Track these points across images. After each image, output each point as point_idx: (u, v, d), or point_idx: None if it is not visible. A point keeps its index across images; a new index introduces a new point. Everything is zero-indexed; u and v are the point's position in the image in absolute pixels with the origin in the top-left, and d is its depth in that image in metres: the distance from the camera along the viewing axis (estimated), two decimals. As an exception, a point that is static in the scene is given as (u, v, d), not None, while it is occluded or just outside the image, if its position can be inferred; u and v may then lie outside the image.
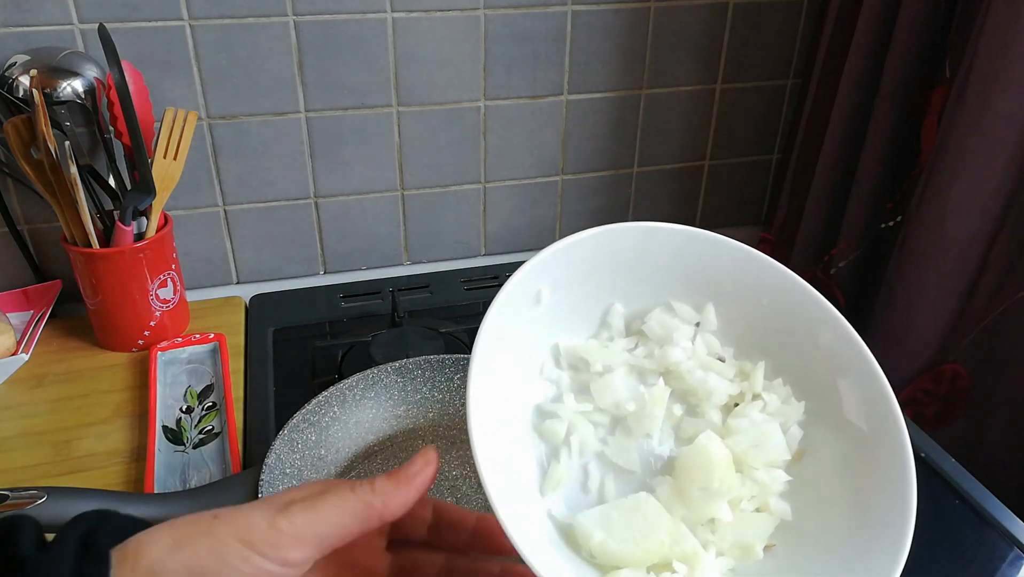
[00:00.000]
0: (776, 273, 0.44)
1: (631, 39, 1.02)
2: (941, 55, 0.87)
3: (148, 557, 0.30)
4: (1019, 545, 0.67)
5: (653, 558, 0.38)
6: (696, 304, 0.46)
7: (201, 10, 0.86)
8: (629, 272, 0.45)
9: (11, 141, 0.78)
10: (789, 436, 0.44)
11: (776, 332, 0.45)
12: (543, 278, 0.43)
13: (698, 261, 0.45)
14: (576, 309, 0.46)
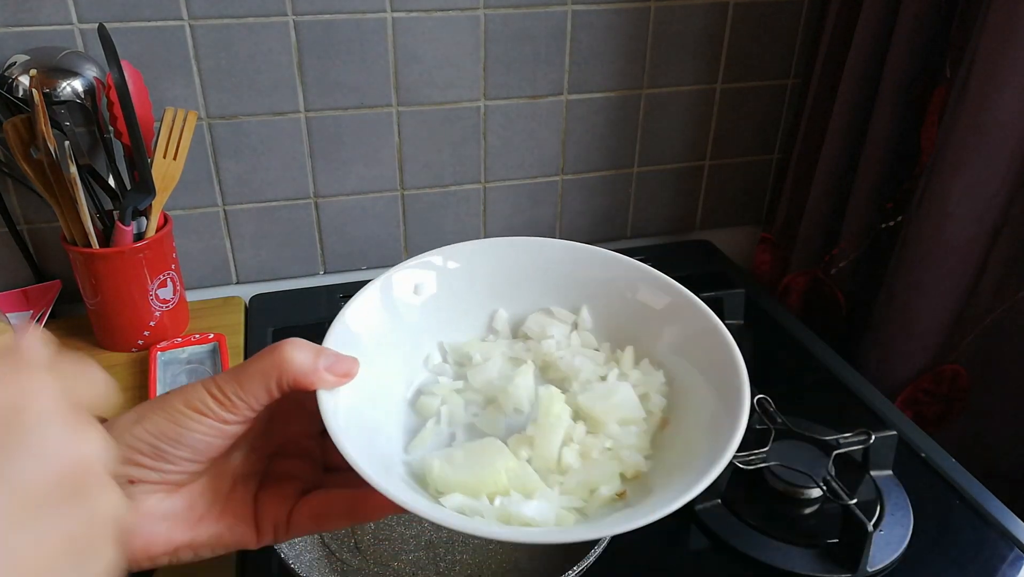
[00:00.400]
0: (645, 273, 0.53)
1: (631, 39, 1.02)
2: (941, 55, 0.87)
3: (114, 431, 0.36)
4: (1019, 545, 0.67)
5: (487, 488, 0.42)
6: (573, 307, 0.53)
7: (201, 10, 0.86)
8: (512, 281, 0.51)
9: (11, 141, 0.77)
10: (652, 404, 0.48)
11: (643, 322, 0.51)
12: (420, 275, 0.49)
13: (573, 269, 0.52)
14: (465, 313, 0.51)
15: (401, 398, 0.48)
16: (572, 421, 0.46)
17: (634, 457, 0.45)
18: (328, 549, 0.64)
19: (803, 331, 0.97)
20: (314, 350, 0.38)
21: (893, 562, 0.65)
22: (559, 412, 0.45)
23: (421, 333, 0.50)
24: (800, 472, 0.69)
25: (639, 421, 0.47)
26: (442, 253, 0.50)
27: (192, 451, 0.35)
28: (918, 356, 0.89)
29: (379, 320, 0.47)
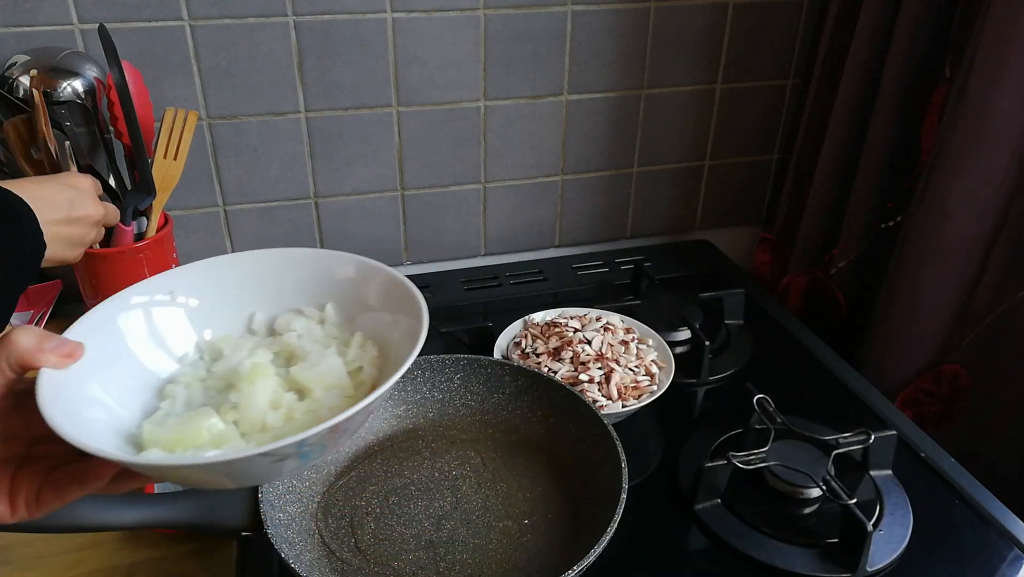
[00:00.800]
0: (379, 271, 0.58)
1: (631, 39, 1.02)
2: (941, 55, 0.87)
3: None
4: (1019, 545, 0.67)
5: (187, 444, 0.48)
6: (320, 305, 0.60)
7: (201, 10, 0.86)
8: (267, 288, 0.59)
9: (11, 141, 0.77)
10: (365, 375, 0.55)
11: (377, 314, 0.58)
12: (175, 282, 0.56)
13: (322, 272, 0.60)
14: (224, 317, 0.58)
15: (151, 386, 0.54)
16: (283, 390, 0.53)
17: (334, 414, 0.50)
18: (328, 549, 0.64)
19: (803, 331, 0.97)
20: (39, 334, 0.42)
21: (893, 562, 0.65)
22: (264, 381, 0.52)
23: (181, 334, 0.57)
24: (800, 472, 0.69)
25: (343, 386, 0.54)
26: (195, 267, 0.58)
27: None
28: (918, 356, 0.89)
29: (132, 320, 0.55)
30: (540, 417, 0.75)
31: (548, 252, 1.15)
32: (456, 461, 0.74)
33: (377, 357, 0.57)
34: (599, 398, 0.78)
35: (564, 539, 0.65)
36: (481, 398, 0.77)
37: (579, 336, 0.83)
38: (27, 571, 0.63)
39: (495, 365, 0.77)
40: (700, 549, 0.68)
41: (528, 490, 0.70)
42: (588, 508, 0.66)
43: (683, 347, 0.92)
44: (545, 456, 0.73)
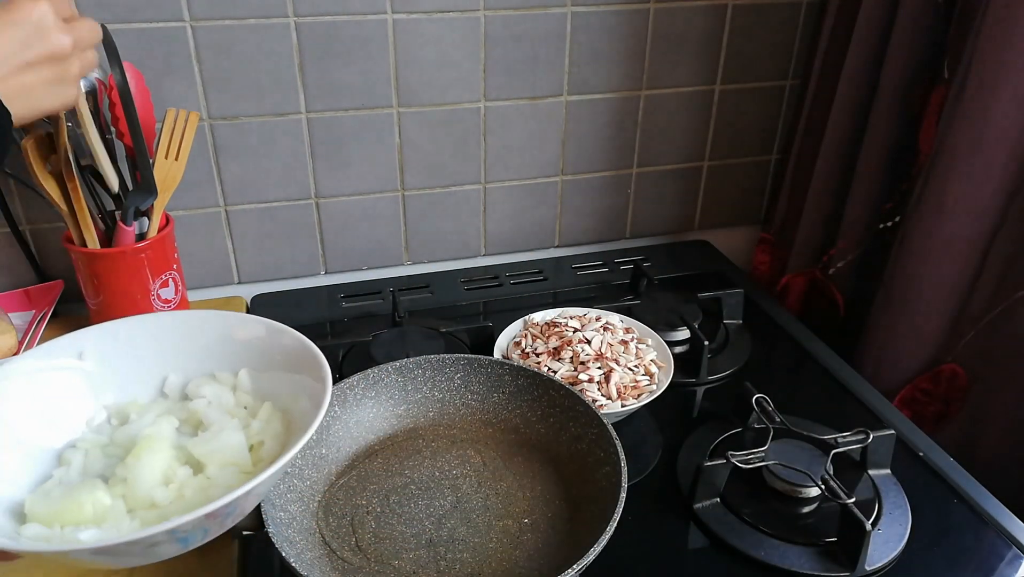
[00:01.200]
0: (288, 334, 0.59)
1: (631, 40, 1.02)
2: (940, 56, 0.87)
3: None
4: (1017, 544, 0.68)
5: (68, 519, 0.48)
6: (234, 369, 0.60)
7: (202, 11, 0.87)
8: (181, 350, 0.59)
9: (30, 157, 0.78)
10: (266, 449, 0.57)
11: (283, 374, 0.60)
12: (84, 342, 0.57)
13: (231, 336, 0.60)
14: (135, 379, 0.59)
15: (51, 450, 0.55)
16: (178, 464, 0.53)
17: (224, 493, 0.49)
18: (329, 548, 0.65)
19: (801, 331, 0.97)
20: None
21: (891, 561, 0.65)
22: (152, 457, 0.52)
23: (87, 396, 0.58)
24: (799, 471, 0.69)
25: (241, 463, 0.55)
26: (106, 327, 0.59)
27: None
28: (916, 356, 0.90)
29: (31, 384, 0.55)
30: (540, 417, 0.75)
31: (548, 252, 1.16)
32: (456, 460, 0.74)
33: (282, 432, 0.58)
34: (599, 398, 0.78)
35: (564, 538, 0.66)
36: (481, 398, 0.77)
37: (579, 336, 0.84)
38: (27, 571, 0.63)
39: (495, 365, 0.77)
40: (699, 548, 0.68)
41: (528, 490, 0.71)
42: (588, 508, 0.66)
43: (682, 347, 0.92)
44: (545, 456, 0.73)
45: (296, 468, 0.67)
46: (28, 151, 0.78)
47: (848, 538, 0.65)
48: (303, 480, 0.68)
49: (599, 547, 0.57)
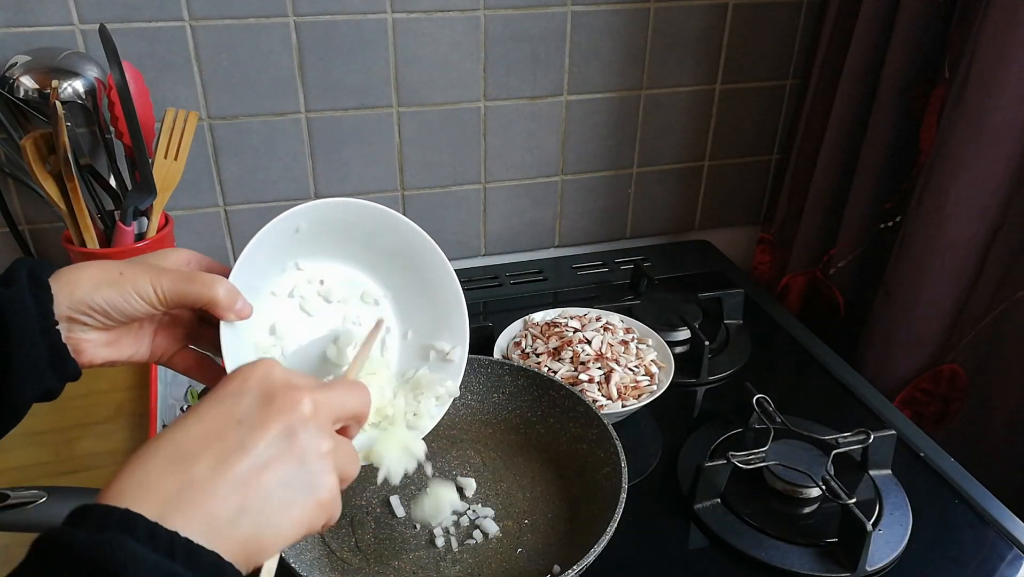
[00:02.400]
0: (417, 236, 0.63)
1: (631, 39, 1.02)
2: (940, 55, 0.87)
3: (80, 292, 0.47)
4: (1018, 544, 0.68)
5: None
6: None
7: (202, 11, 0.87)
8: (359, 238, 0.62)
9: (29, 157, 0.78)
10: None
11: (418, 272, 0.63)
12: (303, 219, 0.60)
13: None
14: (330, 252, 0.61)
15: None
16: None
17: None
18: (328, 548, 0.65)
19: (802, 331, 0.97)
20: (233, 295, 0.51)
21: (892, 561, 0.65)
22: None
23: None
24: (799, 471, 0.69)
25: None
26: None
27: (128, 316, 0.49)
28: (917, 356, 0.90)
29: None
30: (540, 417, 0.75)
31: (548, 252, 1.16)
32: (456, 461, 0.74)
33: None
34: (599, 398, 0.78)
35: (564, 539, 0.65)
36: (481, 398, 0.77)
37: (579, 336, 0.84)
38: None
39: (495, 365, 0.77)
40: (699, 548, 0.68)
41: (528, 490, 0.71)
42: (588, 508, 0.66)
43: (683, 347, 0.92)
44: (545, 456, 0.73)
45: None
46: (28, 151, 0.78)
47: (849, 538, 0.65)
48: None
49: (599, 547, 0.57)
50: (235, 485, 0.35)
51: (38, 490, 0.57)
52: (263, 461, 0.36)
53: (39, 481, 0.71)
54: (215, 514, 0.35)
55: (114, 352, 0.52)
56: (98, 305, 0.47)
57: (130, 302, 0.48)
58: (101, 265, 0.49)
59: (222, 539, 0.34)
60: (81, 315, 0.47)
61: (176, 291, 0.49)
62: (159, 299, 0.49)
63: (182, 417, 0.38)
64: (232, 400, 0.38)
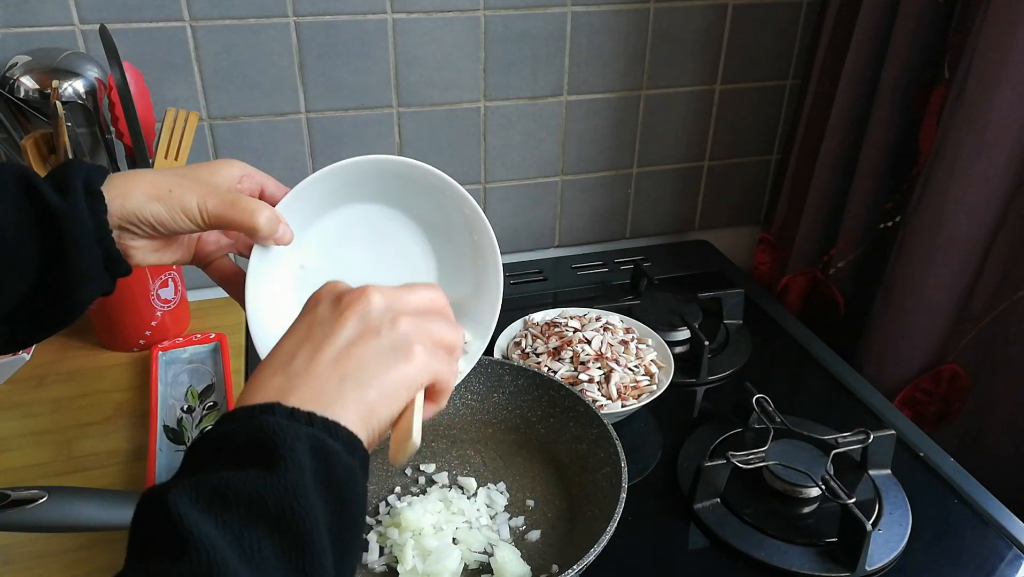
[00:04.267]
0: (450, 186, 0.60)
1: (631, 39, 1.02)
2: (940, 56, 0.87)
3: (130, 204, 0.50)
4: (1018, 544, 0.68)
5: None
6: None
7: (202, 11, 0.87)
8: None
9: (30, 157, 0.78)
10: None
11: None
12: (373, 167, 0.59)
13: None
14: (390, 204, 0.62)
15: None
16: None
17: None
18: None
19: (802, 331, 0.97)
20: (272, 223, 0.53)
21: (892, 561, 0.65)
22: None
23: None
24: (799, 471, 0.69)
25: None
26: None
27: (172, 231, 0.52)
28: (917, 356, 0.90)
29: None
30: (540, 417, 0.75)
31: (548, 252, 1.16)
32: (456, 461, 0.74)
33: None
34: (599, 398, 0.78)
35: (564, 539, 0.65)
36: (481, 398, 0.77)
37: (579, 336, 0.84)
38: (27, 571, 0.63)
39: (495, 365, 0.77)
40: (699, 548, 0.68)
41: (528, 490, 0.71)
42: (588, 508, 0.66)
43: (682, 347, 0.92)
44: (545, 456, 0.73)
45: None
46: (28, 151, 0.78)
47: (848, 538, 0.65)
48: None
49: (599, 547, 0.57)
50: (330, 364, 0.40)
51: (38, 490, 0.57)
52: (347, 342, 0.41)
53: (39, 481, 0.71)
54: (322, 389, 0.39)
55: (161, 257, 0.55)
56: (146, 219, 0.50)
57: (175, 219, 0.51)
58: (153, 178, 0.51)
59: (335, 406, 0.39)
60: (131, 224, 0.50)
61: (220, 214, 0.51)
62: (203, 219, 0.51)
63: (278, 341, 0.43)
64: (309, 313, 0.43)
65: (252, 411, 0.38)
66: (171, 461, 0.73)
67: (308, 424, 0.37)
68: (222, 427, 0.38)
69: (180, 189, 0.51)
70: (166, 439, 0.76)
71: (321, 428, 0.37)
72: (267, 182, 0.57)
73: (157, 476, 0.71)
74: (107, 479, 0.73)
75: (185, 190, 0.51)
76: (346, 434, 0.38)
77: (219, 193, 0.52)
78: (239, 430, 0.37)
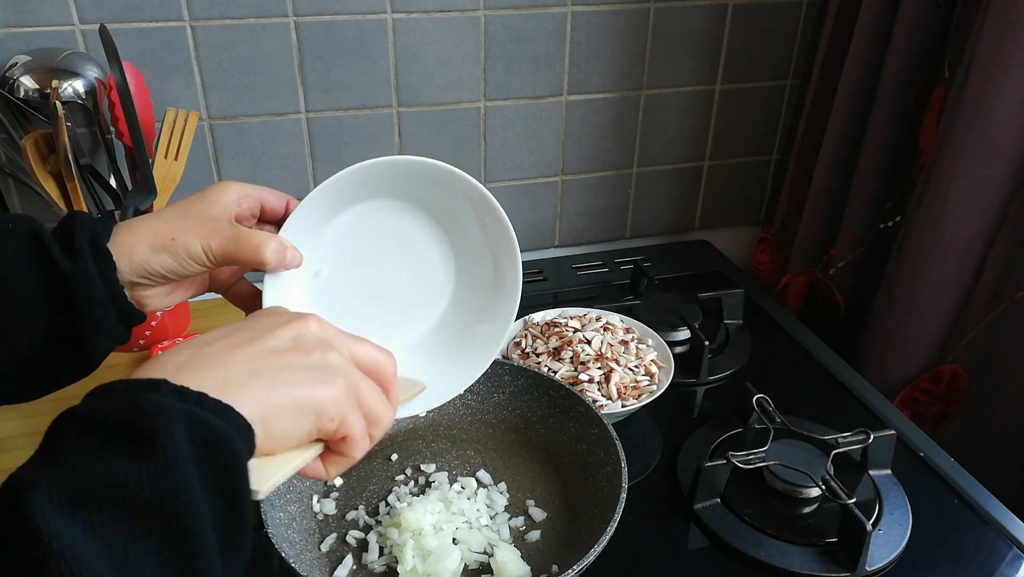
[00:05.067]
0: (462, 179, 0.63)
1: (631, 39, 1.02)
2: (940, 55, 0.87)
3: (137, 258, 0.49)
4: (1018, 544, 0.68)
5: None
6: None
7: (202, 11, 0.87)
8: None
9: (29, 157, 0.78)
10: None
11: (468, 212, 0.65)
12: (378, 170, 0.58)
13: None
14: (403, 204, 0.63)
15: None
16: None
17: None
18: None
19: (802, 331, 0.97)
20: (279, 254, 0.52)
21: (892, 561, 0.65)
22: None
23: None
24: (799, 471, 0.69)
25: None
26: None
27: (182, 276, 0.52)
28: (917, 356, 0.90)
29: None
30: (540, 417, 0.75)
31: (548, 252, 1.16)
32: (456, 460, 0.74)
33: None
34: (599, 398, 0.78)
35: (564, 539, 0.65)
36: (481, 398, 0.77)
37: (579, 336, 0.84)
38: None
39: (495, 365, 0.77)
40: (700, 549, 0.68)
41: (528, 490, 0.71)
42: (588, 508, 0.66)
43: (682, 347, 0.92)
44: (545, 456, 0.73)
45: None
46: (28, 151, 0.78)
47: (849, 538, 0.65)
48: (303, 480, 0.68)
49: (599, 547, 0.57)
50: (246, 357, 0.39)
51: (38, 490, 0.57)
52: (271, 348, 0.40)
53: (39, 481, 0.71)
54: (227, 375, 0.37)
55: (174, 298, 0.55)
56: (155, 271, 0.50)
57: (183, 266, 0.50)
58: (156, 227, 0.51)
59: (234, 394, 0.36)
60: (141, 279, 0.50)
61: (226, 252, 0.51)
62: (210, 261, 0.51)
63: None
64: (245, 320, 0.43)
65: (132, 386, 0.34)
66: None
67: (197, 405, 0.34)
68: (94, 401, 0.34)
69: (183, 236, 0.50)
70: (166, 439, 0.76)
71: (212, 410, 0.34)
72: (266, 196, 0.56)
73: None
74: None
75: (188, 235, 0.50)
76: (239, 420, 0.35)
77: (222, 231, 0.51)
78: (113, 408, 0.33)
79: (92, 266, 0.47)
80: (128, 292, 0.50)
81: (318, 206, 0.56)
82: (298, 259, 0.54)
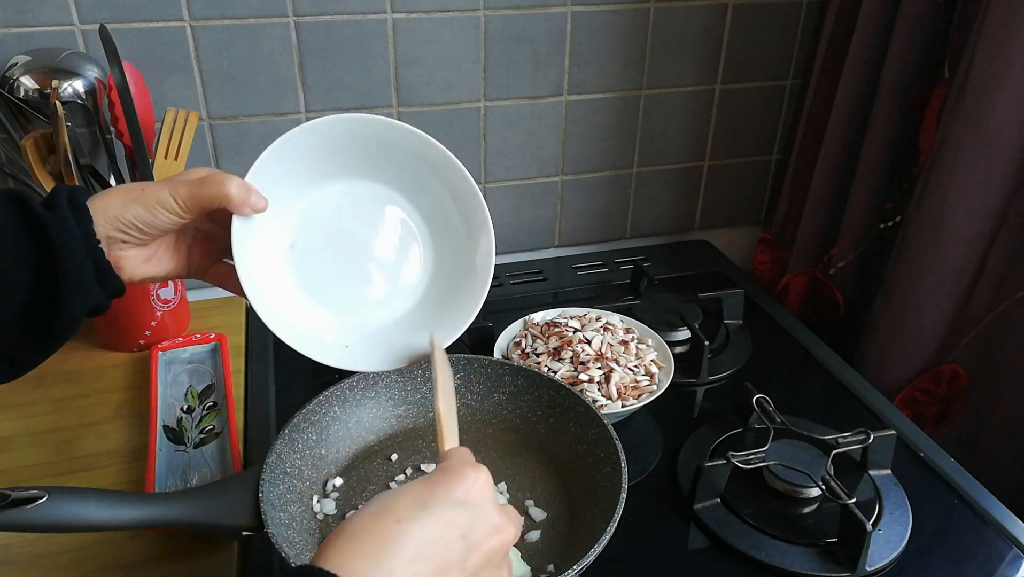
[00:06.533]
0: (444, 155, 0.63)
1: (631, 39, 1.02)
2: (940, 55, 0.87)
3: (111, 211, 0.53)
4: (1018, 544, 0.68)
5: None
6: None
7: (202, 11, 0.87)
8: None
9: (28, 156, 0.78)
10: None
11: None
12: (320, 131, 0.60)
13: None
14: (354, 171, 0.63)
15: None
16: None
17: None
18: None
19: (802, 331, 0.97)
20: (244, 190, 0.55)
21: (892, 561, 0.65)
22: None
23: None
24: (799, 471, 0.69)
25: None
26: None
27: (158, 229, 0.55)
28: (917, 356, 0.90)
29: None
30: (540, 417, 0.75)
31: (548, 252, 1.16)
32: (456, 461, 0.74)
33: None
34: (599, 398, 0.78)
35: (564, 539, 0.65)
36: (481, 398, 0.77)
37: (579, 336, 0.84)
38: (27, 571, 0.63)
39: (495, 365, 0.77)
40: (699, 549, 0.68)
41: (528, 490, 0.71)
42: (588, 508, 0.66)
43: (682, 347, 0.92)
44: (545, 456, 0.73)
45: (295, 468, 0.67)
46: (28, 151, 0.78)
47: (849, 538, 0.65)
48: (303, 480, 0.67)
49: (599, 547, 0.57)
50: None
51: (38, 490, 0.57)
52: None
53: (39, 481, 0.71)
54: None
55: (152, 267, 0.57)
56: (128, 221, 0.53)
57: (155, 214, 0.53)
58: (126, 187, 0.55)
59: None
60: (117, 232, 0.53)
61: (193, 195, 0.54)
62: (180, 207, 0.54)
63: (418, 506, 0.41)
64: (459, 516, 0.42)
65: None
66: (170, 461, 0.73)
67: None
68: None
69: (151, 187, 0.54)
70: (166, 439, 0.76)
71: None
72: (235, 178, 0.59)
73: (156, 476, 0.71)
74: (107, 479, 0.73)
75: (156, 187, 0.54)
76: None
77: (189, 180, 0.55)
78: None
79: (70, 215, 0.51)
80: (106, 248, 0.53)
81: (289, 165, 0.58)
82: (263, 203, 0.57)
